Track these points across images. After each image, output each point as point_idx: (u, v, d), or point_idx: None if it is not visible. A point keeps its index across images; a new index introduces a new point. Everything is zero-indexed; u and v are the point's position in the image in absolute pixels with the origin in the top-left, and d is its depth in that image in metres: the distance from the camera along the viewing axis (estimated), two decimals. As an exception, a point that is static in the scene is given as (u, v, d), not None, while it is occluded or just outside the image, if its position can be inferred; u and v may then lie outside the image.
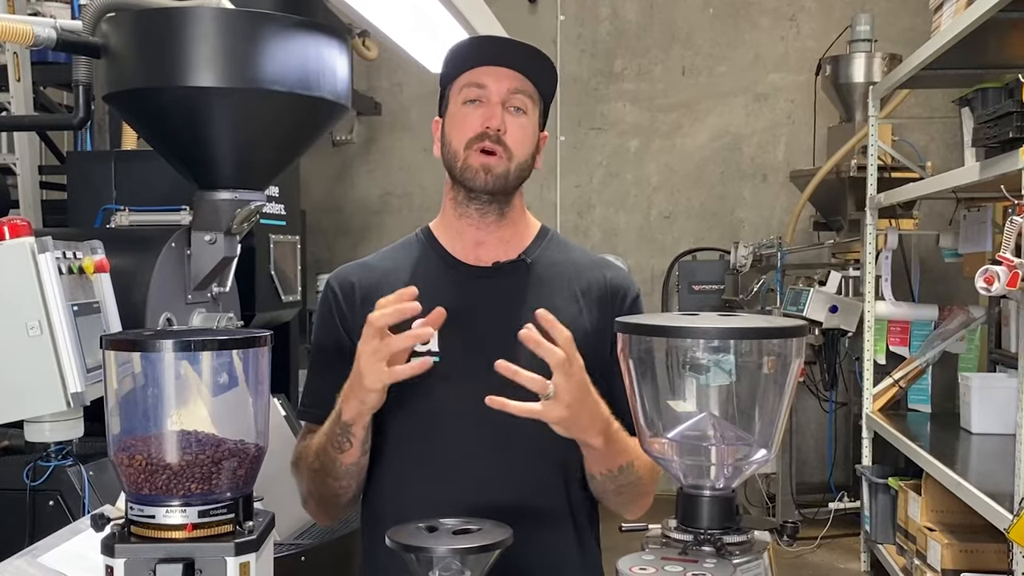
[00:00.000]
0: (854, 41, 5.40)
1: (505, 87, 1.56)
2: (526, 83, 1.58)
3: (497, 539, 1.17)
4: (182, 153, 2.54)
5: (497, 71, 1.57)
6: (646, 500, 1.63)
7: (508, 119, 1.56)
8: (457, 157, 1.58)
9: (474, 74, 1.57)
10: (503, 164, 1.57)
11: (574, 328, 1.60)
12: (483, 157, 1.56)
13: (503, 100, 1.56)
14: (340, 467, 1.53)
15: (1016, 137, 2.94)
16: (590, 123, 6.40)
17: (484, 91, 1.56)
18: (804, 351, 1.28)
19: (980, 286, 2.84)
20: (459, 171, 1.58)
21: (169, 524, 1.18)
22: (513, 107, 1.57)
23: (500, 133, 1.55)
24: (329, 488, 1.57)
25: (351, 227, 6.60)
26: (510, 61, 1.57)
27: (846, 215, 5.36)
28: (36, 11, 3.69)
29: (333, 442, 1.50)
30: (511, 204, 1.64)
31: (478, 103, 1.57)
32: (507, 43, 1.61)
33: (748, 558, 1.21)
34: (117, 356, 1.23)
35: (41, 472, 2.20)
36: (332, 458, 1.52)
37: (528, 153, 1.60)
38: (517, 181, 1.60)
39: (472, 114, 1.57)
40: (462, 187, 1.60)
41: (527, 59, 1.58)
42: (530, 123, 1.60)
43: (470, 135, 1.56)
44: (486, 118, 1.55)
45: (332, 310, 1.64)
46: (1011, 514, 2.78)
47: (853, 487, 5.15)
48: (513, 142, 1.57)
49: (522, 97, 1.58)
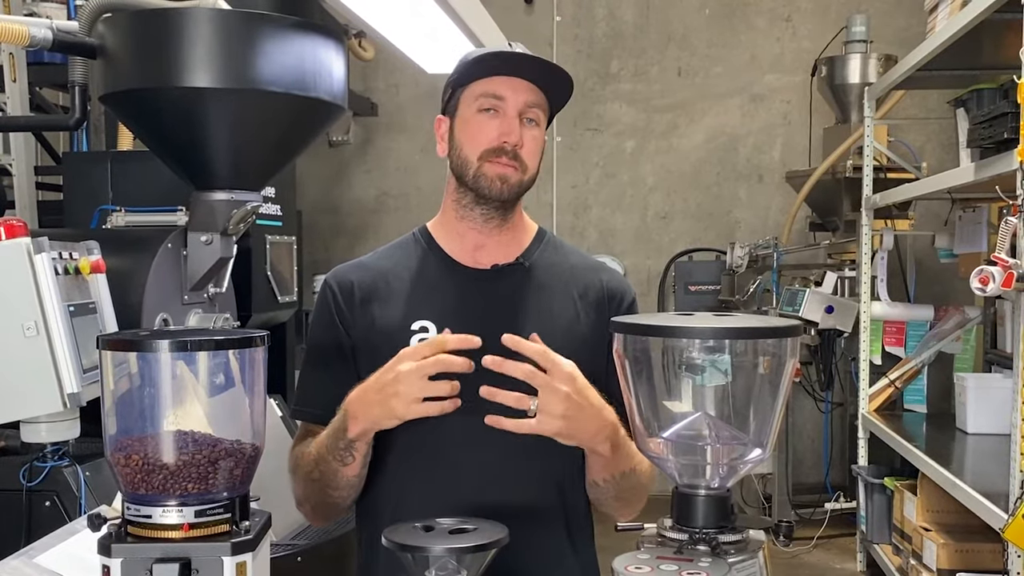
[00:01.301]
0: (850, 42, 5.41)
1: (523, 100, 1.57)
2: (540, 96, 1.59)
3: (493, 539, 1.17)
4: (178, 154, 2.54)
5: (515, 83, 1.57)
6: (641, 505, 1.63)
7: (524, 132, 1.57)
8: (469, 164, 1.58)
9: (492, 83, 1.57)
10: (518, 176, 1.58)
11: (571, 331, 1.61)
12: (500, 167, 1.57)
13: (520, 112, 1.57)
14: (341, 479, 1.52)
15: (1011, 138, 2.95)
16: (586, 124, 6.40)
17: (502, 102, 1.57)
18: (799, 351, 1.29)
19: (975, 287, 2.85)
20: (472, 178, 1.59)
21: (166, 524, 1.18)
22: (527, 119, 1.58)
23: (517, 147, 1.57)
24: (328, 496, 1.56)
25: (348, 228, 6.60)
26: (529, 74, 1.58)
27: (842, 216, 5.37)
28: (32, 11, 3.69)
29: (335, 455, 1.49)
30: (514, 210, 1.65)
31: (494, 113, 1.57)
32: (528, 57, 1.60)
33: (743, 557, 1.22)
34: (114, 356, 1.23)
35: (37, 473, 2.20)
36: (333, 470, 1.51)
37: (537, 165, 1.62)
38: (526, 190, 1.63)
39: (488, 124, 1.57)
40: (471, 192, 1.60)
41: (546, 73, 1.59)
42: (541, 135, 1.62)
43: (486, 146, 1.57)
44: (504, 132, 1.56)
45: (331, 308, 1.64)
46: (1006, 514, 2.79)
47: (849, 487, 5.16)
48: (528, 155, 1.58)
49: (536, 110, 1.59)
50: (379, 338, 1.60)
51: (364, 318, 1.62)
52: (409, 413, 1.39)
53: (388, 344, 1.55)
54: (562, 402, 1.36)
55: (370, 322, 1.62)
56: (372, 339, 1.60)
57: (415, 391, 1.37)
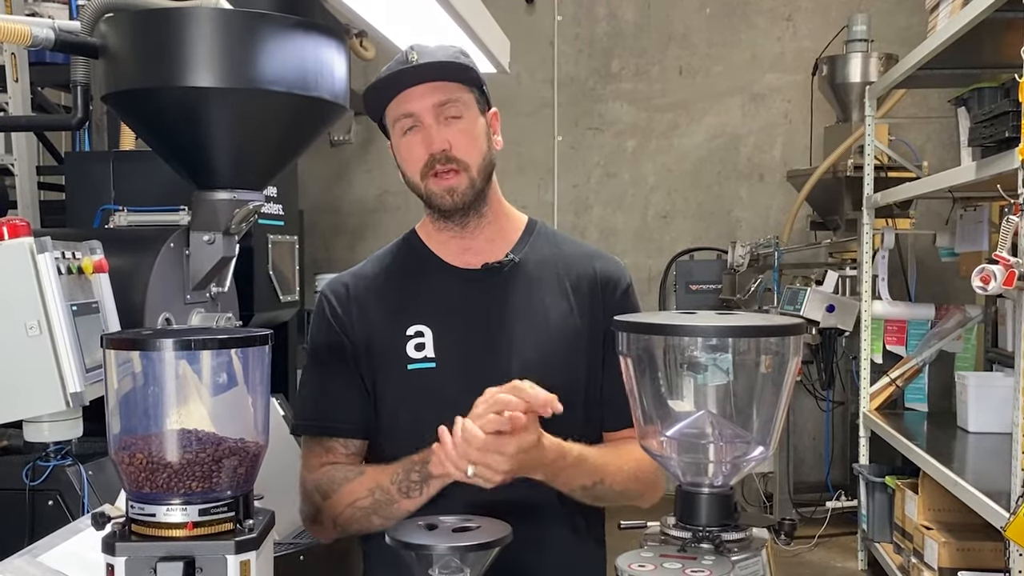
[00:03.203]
0: (850, 41, 5.41)
1: (429, 103, 1.55)
2: (449, 87, 1.56)
3: (496, 537, 1.18)
4: (180, 153, 2.54)
5: (416, 91, 1.55)
6: (645, 501, 1.63)
7: (447, 132, 1.55)
8: (417, 186, 1.60)
9: (398, 103, 1.57)
10: (463, 178, 1.57)
11: (565, 325, 1.62)
12: (442, 181, 1.57)
13: (436, 116, 1.55)
14: (398, 510, 1.50)
15: (1012, 136, 2.95)
16: (587, 123, 6.41)
17: (413, 117, 1.56)
18: (801, 349, 1.29)
19: (976, 285, 2.85)
20: (425, 198, 1.61)
21: (170, 522, 1.18)
22: (447, 117, 1.56)
23: (447, 151, 1.55)
24: (370, 524, 1.54)
25: (349, 227, 6.61)
26: (423, 76, 1.55)
27: (843, 215, 5.37)
28: (34, 11, 3.69)
29: (402, 486, 1.49)
30: (487, 203, 1.64)
31: (416, 128, 1.57)
32: (409, 68, 1.56)
33: (746, 555, 1.22)
34: (118, 355, 1.23)
35: (40, 472, 2.20)
36: (393, 500, 1.50)
37: (482, 151, 1.59)
38: (484, 182, 1.61)
39: (413, 141, 1.57)
40: (434, 209, 1.62)
41: (437, 68, 1.56)
42: (472, 121, 1.59)
43: (420, 164, 1.57)
44: (427, 144, 1.55)
45: (329, 317, 1.65)
46: (1008, 512, 2.79)
47: (850, 486, 5.16)
48: (462, 151, 1.57)
49: (452, 105, 1.56)
50: (376, 345, 1.61)
51: (361, 325, 1.63)
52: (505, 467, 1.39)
53: (385, 350, 1.56)
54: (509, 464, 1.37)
55: (367, 329, 1.62)
56: (370, 346, 1.61)
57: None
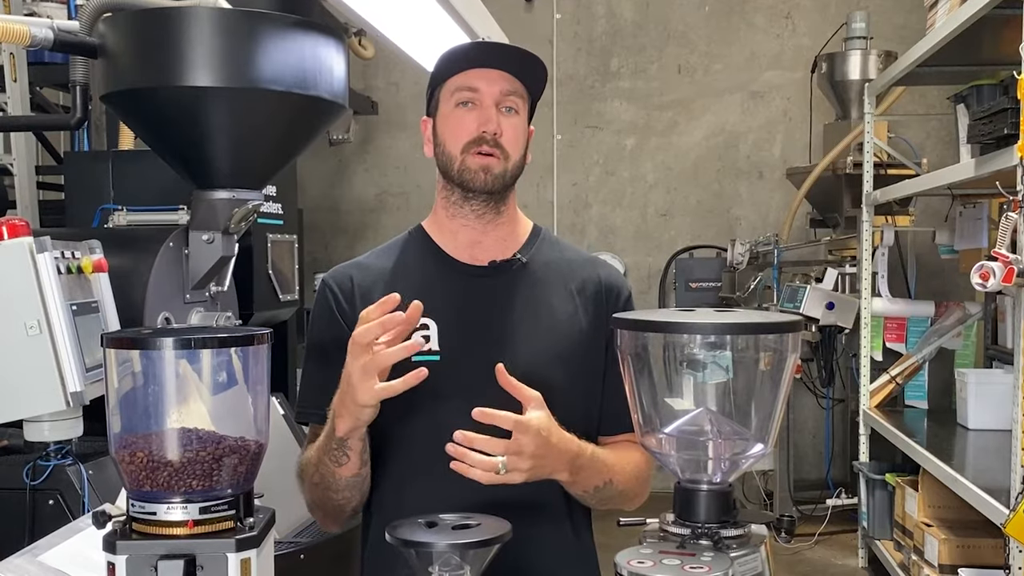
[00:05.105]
0: (849, 38, 5.42)
1: (497, 89, 1.58)
2: (516, 84, 1.60)
3: (496, 534, 1.18)
4: (179, 153, 2.54)
5: (488, 73, 1.58)
6: (636, 503, 1.64)
7: (502, 120, 1.58)
8: (453, 159, 1.59)
9: (466, 77, 1.58)
10: (501, 164, 1.59)
11: (571, 326, 1.62)
12: (482, 158, 1.58)
13: (496, 102, 1.58)
14: (340, 480, 1.52)
15: (1011, 134, 2.95)
16: (586, 121, 6.41)
17: (477, 94, 1.58)
18: (800, 346, 1.29)
19: (976, 282, 2.85)
20: (457, 172, 1.60)
21: (170, 521, 1.19)
22: (506, 108, 1.59)
23: (497, 136, 1.57)
24: (332, 500, 1.56)
25: (348, 226, 6.61)
26: (501, 63, 1.58)
27: (842, 212, 5.37)
28: (32, 11, 3.69)
29: (330, 456, 1.49)
30: (507, 203, 1.65)
31: (471, 106, 1.58)
32: (497, 46, 1.63)
33: (745, 551, 1.22)
34: (118, 354, 1.24)
35: (40, 471, 2.20)
36: (331, 472, 1.51)
37: (522, 151, 1.63)
38: (513, 179, 1.62)
39: (466, 117, 1.58)
40: (458, 188, 1.61)
41: (517, 60, 1.59)
42: (522, 122, 1.62)
43: (466, 138, 1.58)
44: (482, 122, 1.57)
45: (332, 306, 1.64)
46: (1007, 509, 2.79)
47: (850, 483, 5.16)
48: (508, 143, 1.59)
49: (514, 98, 1.60)
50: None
51: None
52: (373, 395, 1.37)
53: None
54: (528, 459, 1.37)
55: None
56: None
57: (371, 367, 1.35)
